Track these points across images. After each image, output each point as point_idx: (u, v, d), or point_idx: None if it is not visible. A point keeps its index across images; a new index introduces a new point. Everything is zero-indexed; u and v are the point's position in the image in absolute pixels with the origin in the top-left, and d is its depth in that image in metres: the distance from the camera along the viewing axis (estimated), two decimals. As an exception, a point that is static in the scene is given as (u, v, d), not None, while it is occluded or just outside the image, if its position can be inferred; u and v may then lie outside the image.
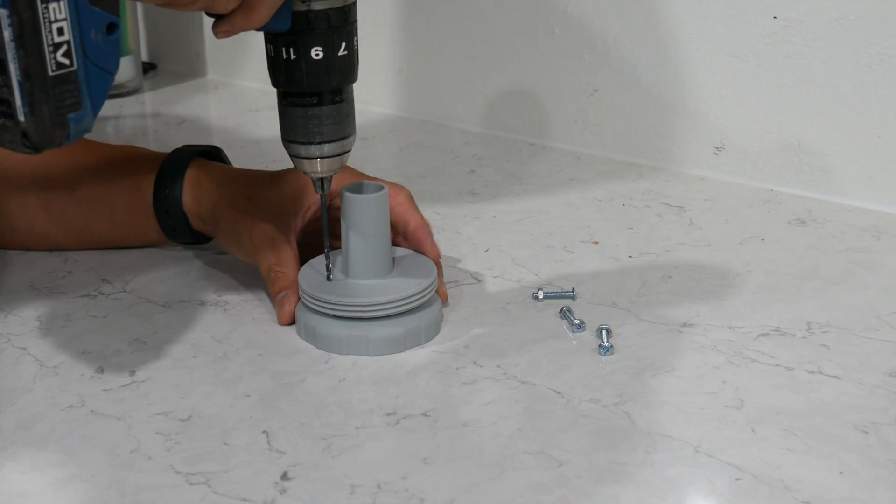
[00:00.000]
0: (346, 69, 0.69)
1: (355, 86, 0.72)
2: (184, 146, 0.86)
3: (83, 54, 0.56)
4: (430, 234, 0.79)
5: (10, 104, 0.55)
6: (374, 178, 0.79)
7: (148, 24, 1.59)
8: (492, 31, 1.21)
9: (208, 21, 0.66)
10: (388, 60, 1.32)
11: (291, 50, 0.67)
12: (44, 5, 0.53)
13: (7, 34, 0.53)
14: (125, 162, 0.86)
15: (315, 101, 0.69)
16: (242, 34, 0.66)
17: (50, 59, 0.54)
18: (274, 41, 0.68)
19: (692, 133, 1.08)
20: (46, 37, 0.54)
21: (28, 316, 0.78)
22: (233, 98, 1.44)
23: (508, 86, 1.22)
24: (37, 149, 0.55)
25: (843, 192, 1.00)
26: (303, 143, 0.70)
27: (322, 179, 0.72)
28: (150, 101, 1.44)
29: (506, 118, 1.23)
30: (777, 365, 0.70)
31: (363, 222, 0.73)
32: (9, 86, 0.54)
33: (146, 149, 0.89)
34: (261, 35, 0.70)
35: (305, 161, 0.71)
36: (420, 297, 0.73)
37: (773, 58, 1.01)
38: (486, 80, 1.23)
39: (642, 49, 1.09)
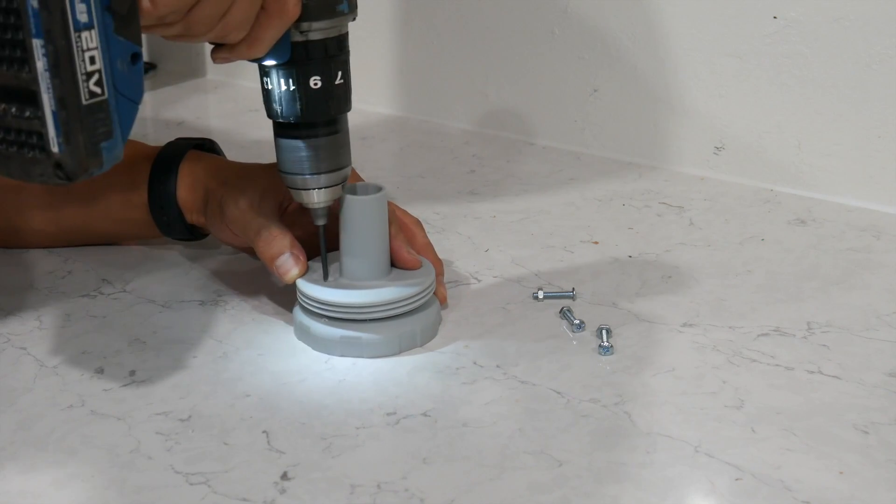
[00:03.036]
0: (343, 98, 0.70)
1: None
2: (177, 139, 0.86)
3: (112, 84, 0.56)
4: (441, 268, 0.79)
5: (41, 136, 0.54)
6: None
7: (148, 24, 1.59)
8: (492, 31, 1.21)
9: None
10: (388, 60, 1.32)
11: (290, 80, 0.68)
12: (77, 34, 0.53)
13: (41, 64, 0.53)
14: None
15: (312, 133, 0.70)
16: None
17: (84, 87, 0.54)
18: (271, 73, 0.68)
19: (692, 133, 1.08)
20: (80, 65, 0.54)
21: (28, 316, 0.78)
22: (233, 98, 1.44)
23: (508, 86, 1.22)
24: (70, 178, 0.55)
25: (843, 192, 1.00)
26: (300, 175, 0.71)
27: (320, 210, 0.72)
28: (150, 101, 1.44)
29: (506, 118, 1.23)
30: (777, 365, 0.70)
31: (361, 223, 0.73)
32: (41, 118, 0.54)
33: (141, 142, 0.88)
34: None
35: (303, 192, 0.72)
36: (416, 300, 0.73)
37: (773, 58, 1.01)
38: (486, 80, 1.23)
39: (642, 49, 1.09)
